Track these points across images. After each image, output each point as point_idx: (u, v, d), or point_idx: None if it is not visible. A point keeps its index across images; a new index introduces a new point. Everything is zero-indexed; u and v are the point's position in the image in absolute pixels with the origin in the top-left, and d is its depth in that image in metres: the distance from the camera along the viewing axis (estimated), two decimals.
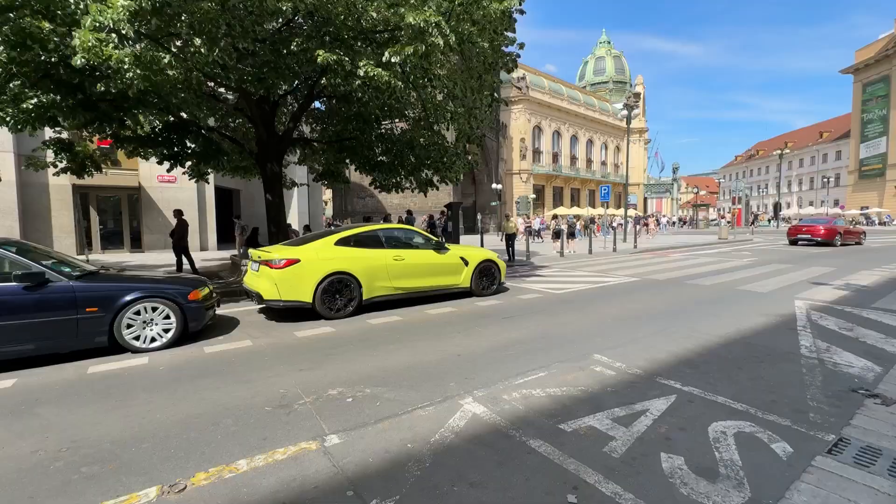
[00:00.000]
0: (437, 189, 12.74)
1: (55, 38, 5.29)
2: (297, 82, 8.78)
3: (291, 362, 4.48)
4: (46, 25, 5.27)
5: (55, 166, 9.35)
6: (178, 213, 10.81)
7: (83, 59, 5.30)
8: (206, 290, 5.58)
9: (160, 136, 9.22)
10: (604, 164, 58.49)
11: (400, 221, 19.99)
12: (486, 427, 3.08)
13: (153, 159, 10.13)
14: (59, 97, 6.84)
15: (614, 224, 27.08)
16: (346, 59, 7.47)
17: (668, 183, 56.86)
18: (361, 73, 7.10)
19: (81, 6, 5.16)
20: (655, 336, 5.32)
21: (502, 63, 9.37)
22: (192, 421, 3.17)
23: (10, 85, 6.48)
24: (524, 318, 6.36)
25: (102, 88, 5.72)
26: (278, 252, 6.17)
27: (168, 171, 10.13)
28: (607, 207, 19.02)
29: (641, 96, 60.42)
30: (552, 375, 4.04)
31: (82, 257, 10.11)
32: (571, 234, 18.55)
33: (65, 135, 9.63)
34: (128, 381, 3.99)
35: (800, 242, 19.94)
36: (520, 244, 16.85)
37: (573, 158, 55.13)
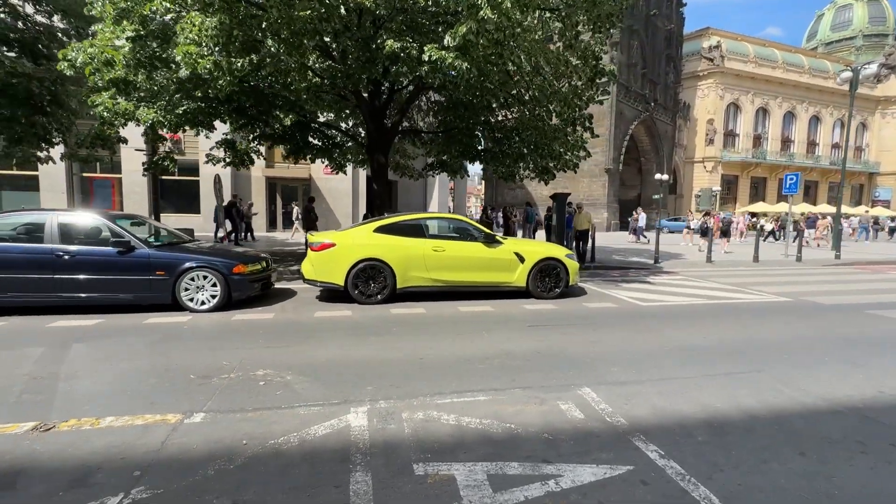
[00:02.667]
0: (553, 177, 11.60)
1: (164, 56, 6.67)
2: (383, 74, 9.09)
3: (271, 339, 4.72)
4: (165, 48, 6.71)
5: (225, 161, 11.92)
6: (310, 200, 12.58)
7: (185, 72, 6.59)
8: (257, 266, 6.34)
9: (286, 133, 10.83)
10: (836, 146, 44.61)
11: (525, 213, 19.23)
12: (338, 444, 2.66)
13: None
14: (203, 104, 8.66)
15: (812, 226, 20.51)
16: (415, 45, 7.41)
17: None
18: (426, 57, 6.95)
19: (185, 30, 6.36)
20: (705, 379, 3.79)
21: (600, 23, 7.88)
22: (133, 374, 3.63)
23: (176, 97, 8.51)
24: (555, 328, 5.32)
25: (200, 94, 6.98)
26: (320, 236, 6.58)
27: (294, 162, 11.87)
28: (791, 202, 14.42)
29: None
30: (493, 402, 3.26)
31: (220, 233, 12.82)
32: (725, 233, 14.67)
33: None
34: (151, 333, 4.82)
35: None
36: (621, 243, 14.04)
37: (785, 141, 43.70)
